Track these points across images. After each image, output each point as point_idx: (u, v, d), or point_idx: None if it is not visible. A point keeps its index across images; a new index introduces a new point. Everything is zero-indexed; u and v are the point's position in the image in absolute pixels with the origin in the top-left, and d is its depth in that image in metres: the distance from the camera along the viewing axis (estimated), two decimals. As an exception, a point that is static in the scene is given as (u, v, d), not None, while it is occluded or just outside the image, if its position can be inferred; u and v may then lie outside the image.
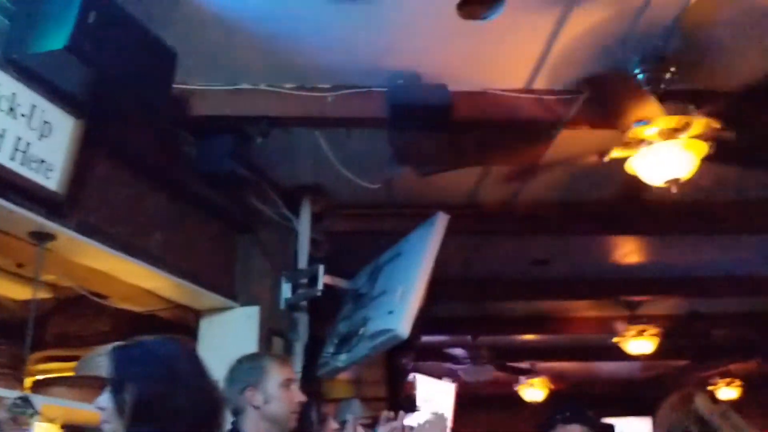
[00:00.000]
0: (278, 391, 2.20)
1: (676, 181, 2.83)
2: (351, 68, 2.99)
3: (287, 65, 2.96)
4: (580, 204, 4.28)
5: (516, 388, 8.47)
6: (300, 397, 2.24)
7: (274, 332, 3.74)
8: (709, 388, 8.90)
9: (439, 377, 8.23)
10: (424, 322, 6.17)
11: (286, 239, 4.02)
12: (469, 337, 6.97)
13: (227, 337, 3.64)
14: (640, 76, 2.91)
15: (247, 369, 2.25)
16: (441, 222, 3.45)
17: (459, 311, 6.53)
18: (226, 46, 2.83)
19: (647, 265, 5.47)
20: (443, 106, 2.96)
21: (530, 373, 8.16)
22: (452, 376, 8.08)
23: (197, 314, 3.83)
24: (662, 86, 2.88)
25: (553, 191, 4.09)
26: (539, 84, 3.10)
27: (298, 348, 3.81)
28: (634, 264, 5.46)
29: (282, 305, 3.81)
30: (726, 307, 6.50)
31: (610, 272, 5.56)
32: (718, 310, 6.58)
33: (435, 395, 8.22)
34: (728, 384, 8.71)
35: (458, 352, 7.13)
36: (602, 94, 2.95)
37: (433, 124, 3.03)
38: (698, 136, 2.78)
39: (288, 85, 3.07)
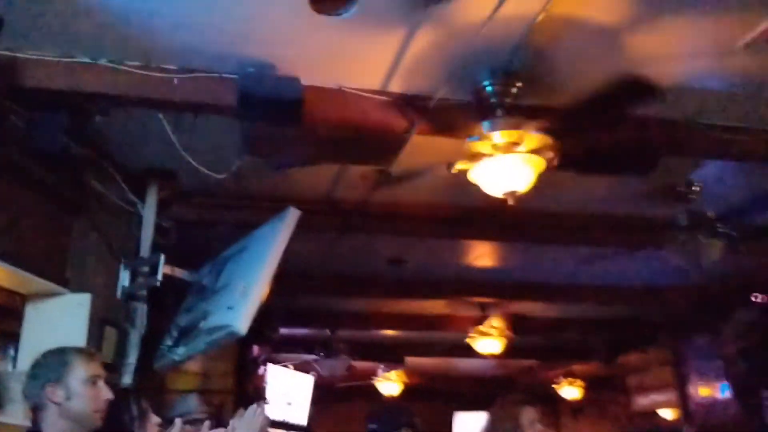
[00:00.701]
0: (82, 387, 2.07)
1: (513, 193, 2.92)
2: (201, 51, 2.86)
3: (131, 41, 2.78)
4: (434, 207, 4.36)
5: (373, 381, 8.57)
6: (107, 394, 2.12)
7: (107, 322, 3.54)
8: (554, 386, 9.43)
9: (298, 369, 8.20)
10: (282, 314, 6.13)
11: (130, 225, 3.83)
12: (327, 331, 6.96)
13: (54, 324, 3.40)
14: (488, 89, 2.98)
15: (49, 363, 2.11)
16: (291, 218, 3.38)
17: (318, 305, 6.51)
18: (63, 13, 2.62)
19: (499, 269, 5.67)
20: (294, 99, 2.90)
21: (386, 368, 8.30)
22: (310, 368, 8.08)
23: (23, 299, 3.57)
24: (508, 100, 2.97)
25: (410, 193, 4.14)
26: (394, 87, 3.11)
27: (134, 339, 3.64)
28: (487, 267, 5.65)
29: (119, 294, 3.62)
30: (571, 312, 6.88)
31: (463, 274, 5.72)
32: (564, 315, 6.96)
33: (292, 387, 8.19)
34: (571, 383, 9.26)
35: (316, 345, 7.12)
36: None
37: (284, 116, 2.97)
38: (535, 151, 2.88)
39: (131, 63, 2.89)
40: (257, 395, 5.62)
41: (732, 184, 4.10)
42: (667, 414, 9.24)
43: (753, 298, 5.92)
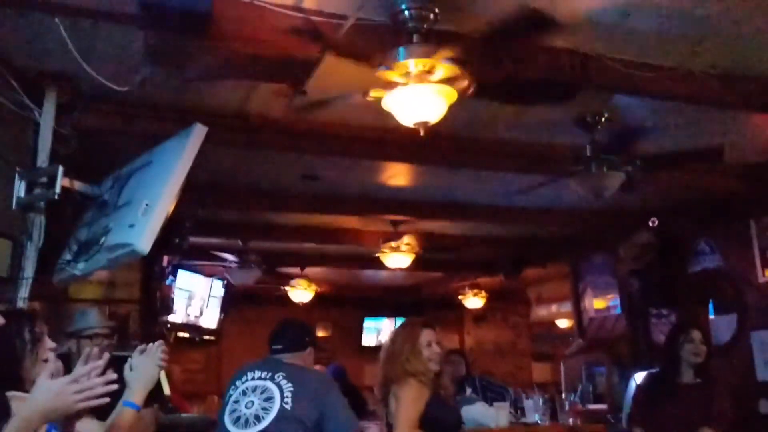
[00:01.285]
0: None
1: (425, 123, 2.91)
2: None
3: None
4: (350, 127, 4.30)
5: (285, 289, 8.69)
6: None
7: (0, 234, 3.38)
8: (459, 296, 9.84)
9: (209, 275, 8.20)
10: (194, 224, 6.03)
11: (26, 132, 3.61)
12: (239, 242, 6.94)
13: (-59, 236, 3.24)
14: (405, 12, 2.91)
15: None
16: (198, 134, 3.27)
17: (231, 217, 6.43)
18: None
19: (412, 189, 5.74)
20: (202, 11, 2.74)
21: (298, 277, 8.40)
22: (222, 276, 8.09)
23: None
24: (425, 25, 2.91)
25: (327, 111, 4.05)
26: (309, 3, 2.99)
27: (31, 252, 3.50)
28: (400, 186, 5.70)
29: (14, 205, 3.45)
30: (477, 230, 7.09)
31: (377, 192, 5.76)
32: (471, 233, 7.17)
33: (202, 292, 8.20)
34: (475, 294, 9.68)
35: (227, 255, 7.09)
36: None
37: (190, 28, 2.81)
38: (447, 81, 2.85)
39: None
40: (164, 307, 5.59)
41: (638, 117, 4.23)
42: (564, 323, 9.89)
43: (650, 223, 6.27)
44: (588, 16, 3.11)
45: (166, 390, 5.84)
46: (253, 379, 2.98)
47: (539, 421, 4.37)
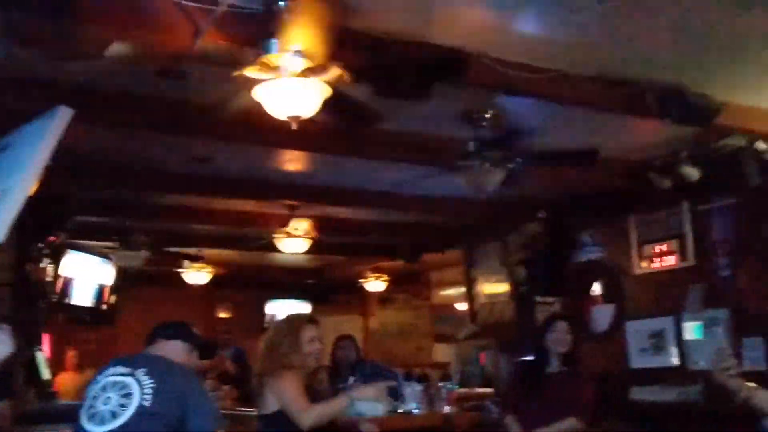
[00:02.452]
0: None
1: (297, 117, 2.88)
2: None
3: None
4: (242, 111, 4.19)
5: (179, 272, 8.50)
6: None
7: None
8: (361, 280, 9.91)
9: (102, 256, 7.89)
10: (80, 203, 5.79)
11: None
12: (128, 222, 6.71)
13: None
14: (280, 2, 2.85)
15: None
16: (62, 116, 3.08)
17: (121, 197, 6.19)
18: None
19: (306, 173, 5.69)
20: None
21: (194, 259, 8.22)
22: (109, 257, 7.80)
23: None
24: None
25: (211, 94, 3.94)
26: (181, -13, 2.88)
27: None
28: (296, 171, 5.65)
29: None
30: (378, 216, 7.13)
31: (272, 176, 5.69)
32: (371, 218, 7.21)
33: (93, 273, 7.89)
34: (377, 278, 9.77)
35: (115, 235, 6.85)
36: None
37: (56, 9, 2.67)
38: (328, 81, 2.83)
39: None
40: (42, 288, 5.35)
41: (522, 115, 4.33)
42: (463, 306, 10.13)
43: (539, 215, 6.48)
44: (469, 16, 3.16)
45: (45, 374, 5.65)
46: (113, 375, 2.89)
47: (415, 410, 4.46)
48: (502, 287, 7.31)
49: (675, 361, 5.52)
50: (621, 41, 3.48)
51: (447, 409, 4.43)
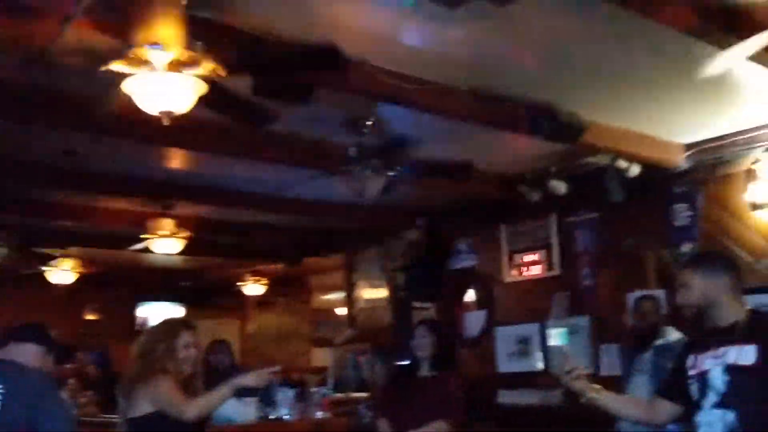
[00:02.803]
0: None
1: (169, 113, 2.79)
2: None
3: None
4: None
5: (43, 270, 7.99)
6: None
7: None
8: (239, 283, 9.73)
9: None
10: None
11: None
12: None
13: None
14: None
15: None
16: None
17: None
18: None
19: (185, 171, 5.52)
20: None
21: (57, 258, 7.76)
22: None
23: None
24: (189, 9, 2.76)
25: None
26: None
27: None
28: (173, 168, 5.46)
29: None
30: (259, 218, 7.02)
31: (148, 172, 5.47)
32: (253, 220, 7.08)
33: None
34: (256, 281, 9.62)
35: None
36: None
37: None
38: (202, 77, 2.75)
39: None
40: None
41: (403, 125, 4.41)
42: (342, 311, 10.16)
43: (418, 223, 6.62)
44: (351, 22, 3.18)
45: None
46: (-37, 380, 2.68)
47: (287, 416, 4.43)
48: (381, 292, 7.40)
49: (539, 365, 5.79)
50: (496, 59, 3.62)
51: (320, 414, 4.42)
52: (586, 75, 3.84)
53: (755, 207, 4.55)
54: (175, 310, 10.06)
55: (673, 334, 4.30)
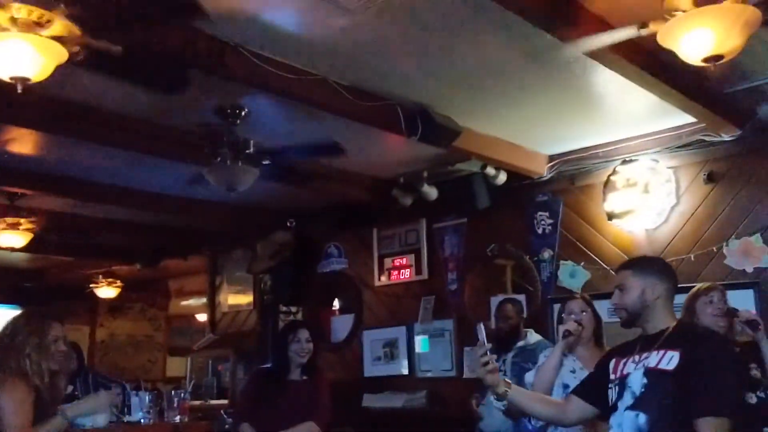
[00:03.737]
0: None
1: (24, 79, 2.51)
2: None
3: None
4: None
5: None
6: None
7: None
8: (92, 285, 9.08)
9: None
10: None
11: None
12: None
13: None
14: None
15: None
16: None
17: None
18: None
19: (33, 158, 5.04)
20: None
21: None
22: None
23: None
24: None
25: None
26: None
27: None
28: (20, 154, 4.97)
29: None
30: (114, 214, 6.56)
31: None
32: (106, 216, 6.61)
33: None
34: (110, 284, 9.02)
35: None
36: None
37: None
38: (60, 39, 2.50)
39: None
40: None
41: (279, 119, 4.28)
42: (203, 317, 9.75)
43: (288, 224, 6.47)
44: (232, 8, 3.02)
45: None
46: None
47: (142, 420, 4.15)
48: (246, 296, 7.16)
49: (404, 370, 5.81)
50: (376, 55, 3.59)
51: (178, 419, 4.17)
52: (461, 80, 3.90)
53: (611, 217, 4.81)
54: (15, 314, 9.20)
55: (533, 336, 4.46)
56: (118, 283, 9.09)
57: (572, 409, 2.63)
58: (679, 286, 2.61)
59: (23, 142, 4.80)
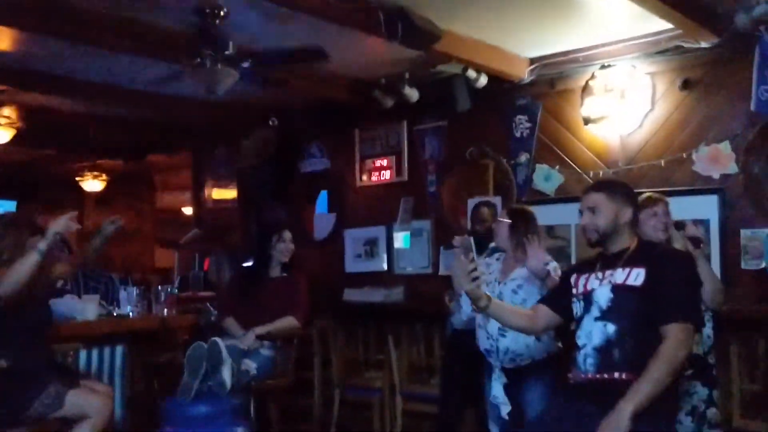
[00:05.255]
0: None
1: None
2: None
3: None
4: None
5: None
6: None
7: None
8: (78, 178, 9.16)
9: None
10: None
11: None
12: None
13: None
14: None
15: None
16: None
17: None
18: None
19: (12, 54, 4.99)
20: None
21: None
22: None
23: None
24: None
25: None
26: None
27: None
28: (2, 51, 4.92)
29: None
30: (97, 110, 6.56)
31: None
32: (90, 111, 6.60)
33: None
34: (95, 177, 9.10)
35: None
36: None
37: None
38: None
39: None
40: None
41: (259, 21, 4.23)
42: (189, 212, 9.91)
43: (270, 122, 6.49)
44: None
45: None
46: None
47: (131, 313, 4.36)
48: (230, 192, 7.28)
49: (384, 266, 6.04)
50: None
51: (165, 312, 4.39)
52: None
53: (587, 121, 4.88)
54: (6, 206, 9.32)
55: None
56: (104, 176, 9.17)
57: (541, 316, 2.85)
58: (648, 191, 2.74)
59: (2, 39, 4.75)
